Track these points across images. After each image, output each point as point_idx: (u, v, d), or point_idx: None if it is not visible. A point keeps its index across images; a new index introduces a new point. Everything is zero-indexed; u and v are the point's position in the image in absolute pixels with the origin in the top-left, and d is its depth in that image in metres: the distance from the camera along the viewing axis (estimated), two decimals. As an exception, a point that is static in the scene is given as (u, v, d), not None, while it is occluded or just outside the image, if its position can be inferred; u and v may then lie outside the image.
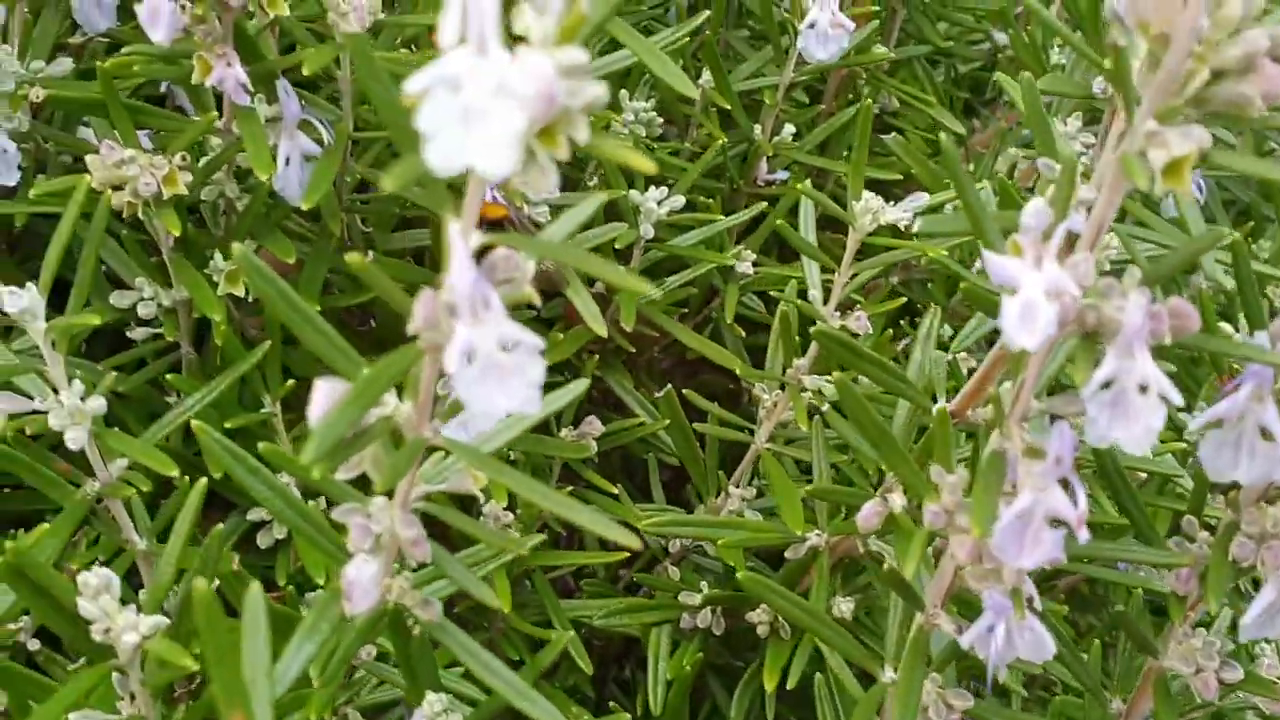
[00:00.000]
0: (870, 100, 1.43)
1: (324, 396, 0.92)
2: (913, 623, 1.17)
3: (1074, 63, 1.87)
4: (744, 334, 1.74)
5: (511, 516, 1.41)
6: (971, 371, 1.22)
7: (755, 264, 1.74)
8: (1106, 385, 0.93)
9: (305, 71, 1.23)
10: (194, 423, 1.07)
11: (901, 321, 1.82)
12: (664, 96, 1.82)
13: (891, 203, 1.44)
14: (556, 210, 1.46)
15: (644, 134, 1.73)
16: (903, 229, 1.44)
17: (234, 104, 1.26)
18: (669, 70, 1.27)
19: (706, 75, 1.79)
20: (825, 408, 1.44)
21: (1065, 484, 0.97)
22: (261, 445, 0.95)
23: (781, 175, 1.92)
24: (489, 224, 1.36)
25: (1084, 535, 0.94)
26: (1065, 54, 2.05)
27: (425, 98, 0.73)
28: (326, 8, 1.29)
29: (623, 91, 1.72)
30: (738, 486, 1.59)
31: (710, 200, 1.74)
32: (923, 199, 1.43)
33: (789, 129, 1.84)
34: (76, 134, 1.47)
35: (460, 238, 0.85)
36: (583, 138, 0.76)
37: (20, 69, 1.36)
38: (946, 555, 1.13)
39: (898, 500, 1.36)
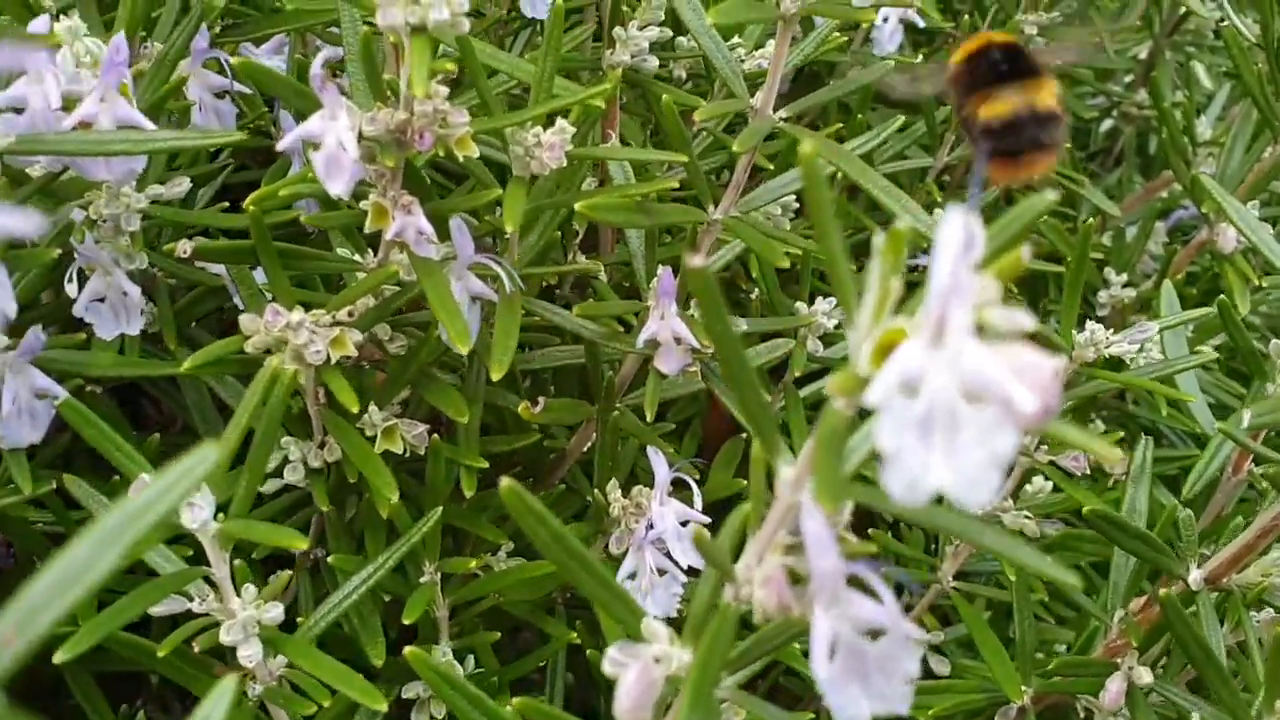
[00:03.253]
0: (1089, 226, 1.29)
1: (636, 682, 0.78)
2: None
3: (1236, 139, 1.74)
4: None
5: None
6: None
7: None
8: None
9: (509, 228, 1.07)
10: (412, 653, 0.93)
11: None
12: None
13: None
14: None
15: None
16: (1126, 361, 1.30)
17: (412, 254, 1.10)
18: (902, 203, 1.14)
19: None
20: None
21: None
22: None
23: (925, 260, 1.78)
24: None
25: None
26: (1210, 122, 1.93)
27: (883, 409, 0.58)
28: (511, 142, 1.13)
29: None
30: (923, 629, 1.45)
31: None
32: (1151, 329, 1.30)
33: (939, 214, 1.70)
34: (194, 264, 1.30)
35: (820, 522, 0.70)
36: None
37: (143, 201, 1.19)
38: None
39: (1144, 675, 1.23)
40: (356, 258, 1.20)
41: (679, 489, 1.28)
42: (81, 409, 1.00)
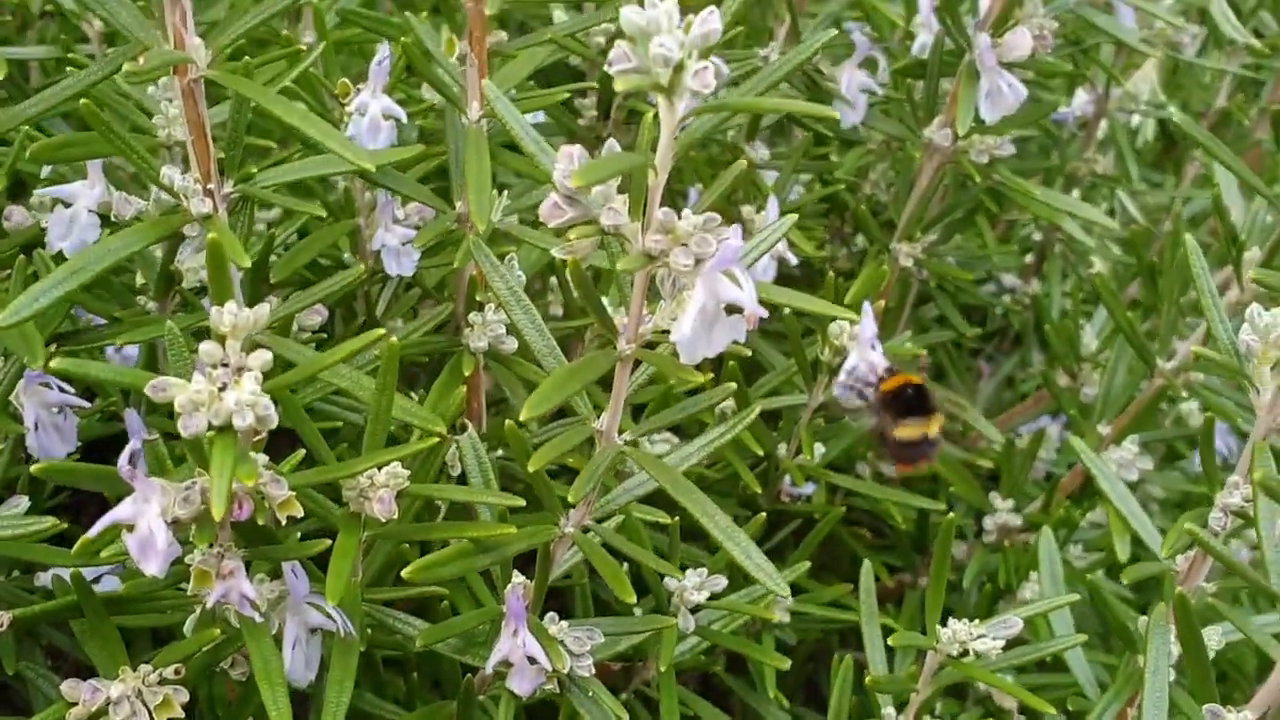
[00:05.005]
0: (951, 521, 1.28)
1: None
2: None
3: (1119, 360, 1.74)
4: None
5: None
6: None
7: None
8: None
9: (331, 601, 1.03)
10: None
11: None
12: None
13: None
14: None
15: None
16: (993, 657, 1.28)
17: (239, 614, 1.06)
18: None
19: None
20: None
21: None
22: None
23: (808, 489, 1.76)
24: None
25: None
26: (1099, 326, 1.94)
27: None
28: (343, 485, 1.10)
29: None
30: None
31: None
32: (1016, 625, 1.28)
33: (819, 449, 1.68)
34: (35, 580, 1.26)
35: None
36: None
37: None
38: None
39: None
40: (192, 590, 1.16)
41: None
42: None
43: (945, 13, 1.59)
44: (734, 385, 1.19)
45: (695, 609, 1.46)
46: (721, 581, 1.45)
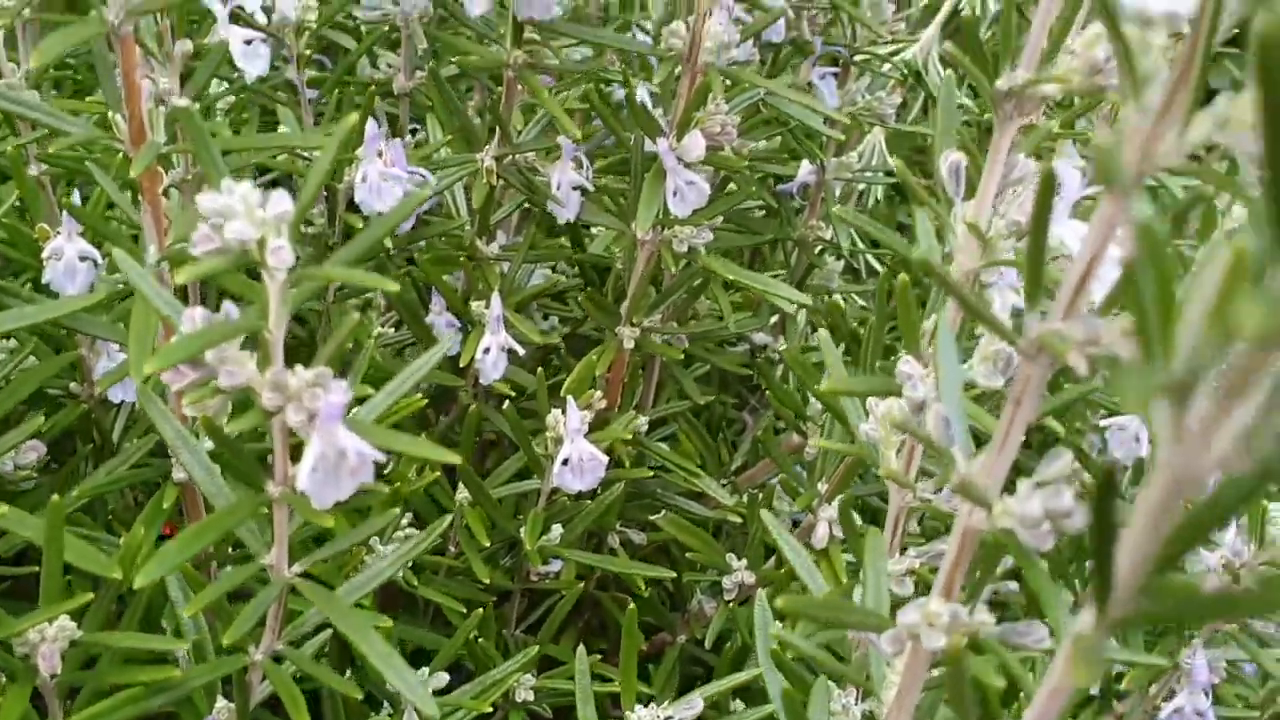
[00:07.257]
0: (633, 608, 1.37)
1: None
2: None
3: (832, 419, 1.85)
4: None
5: None
6: None
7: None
8: None
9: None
10: None
11: None
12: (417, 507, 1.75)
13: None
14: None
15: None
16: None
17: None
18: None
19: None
20: None
21: None
22: None
23: (555, 566, 1.84)
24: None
25: None
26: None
27: None
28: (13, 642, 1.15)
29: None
30: None
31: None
32: (697, 706, 1.37)
33: (557, 529, 1.77)
34: None
35: None
36: None
37: None
38: None
39: None
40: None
41: None
42: None
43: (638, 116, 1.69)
44: (394, 512, 1.26)
45: (424, 706, 1.53)
46: (444, 677, 1.53)
